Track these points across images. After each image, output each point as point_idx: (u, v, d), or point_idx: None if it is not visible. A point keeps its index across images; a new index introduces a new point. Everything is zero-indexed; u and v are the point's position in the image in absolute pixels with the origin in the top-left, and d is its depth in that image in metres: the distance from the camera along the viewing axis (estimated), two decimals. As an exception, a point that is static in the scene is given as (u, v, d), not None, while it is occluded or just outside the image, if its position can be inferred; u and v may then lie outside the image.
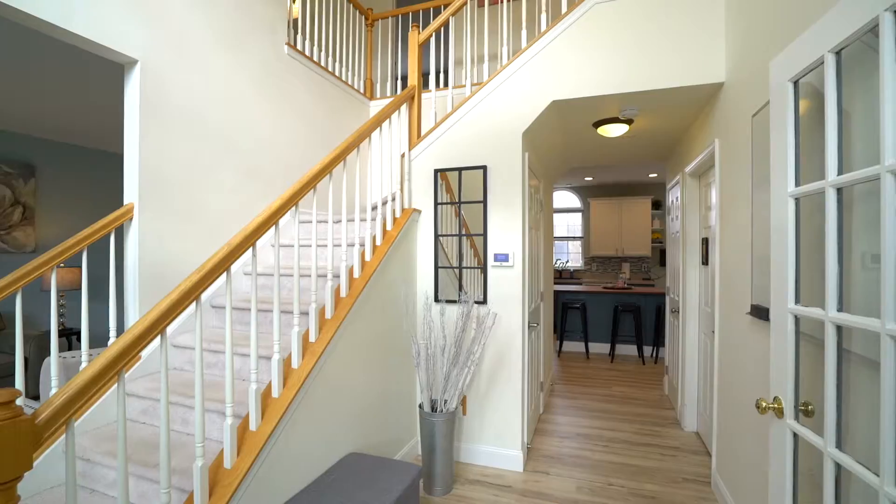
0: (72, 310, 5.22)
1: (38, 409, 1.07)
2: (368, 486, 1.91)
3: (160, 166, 2.35)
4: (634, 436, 3.38)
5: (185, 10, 2.49)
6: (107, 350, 1.23)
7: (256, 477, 1.65)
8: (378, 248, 2.57)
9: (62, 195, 5.13)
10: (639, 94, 2.67)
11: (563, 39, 2.75)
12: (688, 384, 3.42)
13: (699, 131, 3.11)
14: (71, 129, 4.60)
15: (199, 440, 1.49)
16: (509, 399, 2.87)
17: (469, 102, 2.94)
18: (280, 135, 3.19)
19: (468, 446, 2.95)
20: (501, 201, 2.87)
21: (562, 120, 3.21)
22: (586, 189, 8.77)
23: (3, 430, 0.95)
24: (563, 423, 3.66)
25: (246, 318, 2.50)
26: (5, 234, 4.62)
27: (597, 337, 6.15)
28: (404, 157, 3.01)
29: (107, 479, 1.87)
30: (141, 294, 2.27)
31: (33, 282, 4.64)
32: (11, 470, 0.96)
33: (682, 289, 3.53)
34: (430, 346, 2.62)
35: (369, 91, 4.23)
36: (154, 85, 2.32)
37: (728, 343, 2.40)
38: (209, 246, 2.61)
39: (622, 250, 8.07)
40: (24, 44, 2.73)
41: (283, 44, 3.22)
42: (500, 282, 2.87)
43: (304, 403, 1.91)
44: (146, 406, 2.13)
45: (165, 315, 1.35)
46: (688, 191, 3.47)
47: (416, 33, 3.13)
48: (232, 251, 1.57)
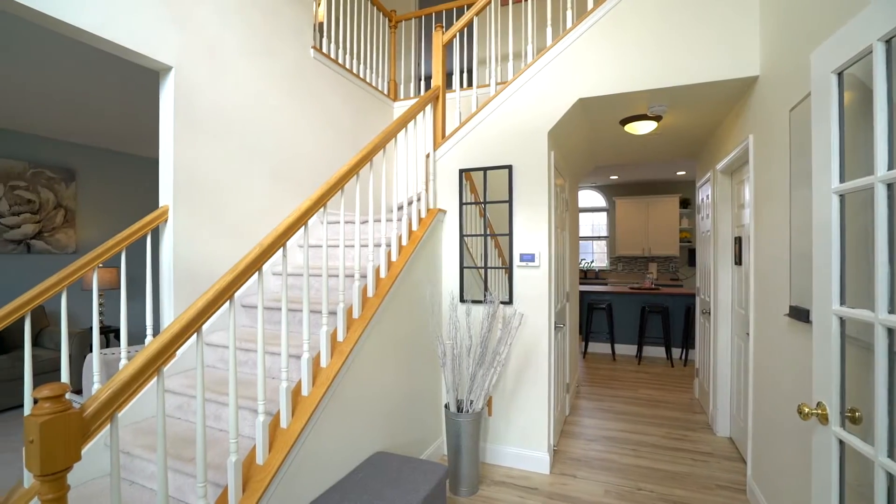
0: (109, 308, 5.44)
1: (86, 402, 1.11)
2: (396, 485, 1.92)
3: (193, 169, 2.42)
4: (663, 440, 3.30)
5: (217, 17, 2.56)
6: (147, 347, 1.27)
7: (287, 473, 1.68)
8: (404, 248, 2.59)
9: (100, 198, 5.36)
10: (668, 89, 2.61)
11: (589, 35, 2.70)
12: (720, 387, 3.32)
13: (731, 127, 3.01)
14: (109, 134, 4.80)
15: (233, 436, 1.53)
16: (535, 400, 2.84)
17: (494, 102, 2.92)
18: (307, 137, 3.24)
19: (493, 447, 2.94)
20: (527, 201, 2.85)
21: (588, 118, 3.16)
22: (611, 188, 8.62)
23: (55, 423, 1.00)
24: (590, 425, 3.61)
25: (274, 318, 2.55)
26: (49, 236, 4.85)
27: (623, 338, 6.03)
28: (429, 158, 3.02)
29: (145, 471, 1.94)
30: (175, 293, 2.35)
31: (75, 281, 4.87)
32: (62, 461, 1.01)
33: (714, 289, 3.42)
34: (455, 347, 2.62)
35: (393, 92, 4.27)
36: (187, 90, 2.39)
37: (764, 346, 2.32)
38: (238, 246, 2.68)
39: (649, 250, 7.89)
40: (64, 54, 2.86)
41: (310, 47, 3.28)
42: (526, 282, 2.85)
43: (333, 402, 1.94)
44: (181, 402, 2.20)
45: (201, 314, 1.39)
46: (719, 188, 3.37)
47: (440, 34, 3.13)
48: (263, 251, 1.60)
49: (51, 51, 2.80)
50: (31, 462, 0.98)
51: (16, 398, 3.87)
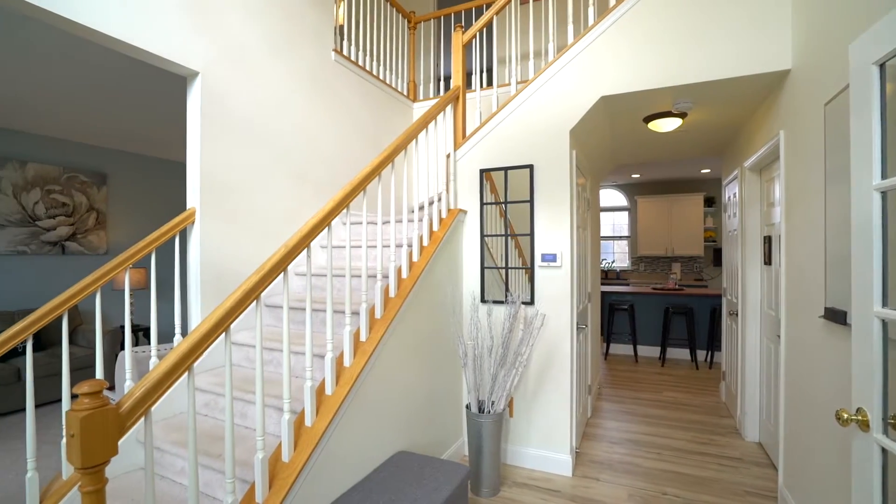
0: (138, 308, 5.61)
1: (122, 398, 1.15)
2: (418, 485, 1.92)
3: (218, 172, 2.48)
4: (689, 444, 3.23)
5: (241, 22, 2.61)
6: (178, 345, 1.30)
7: (312, 471, 1.70)
8: (425, 248, 2.60)
9: (129, 201, 5.53)
10: (694, 85, 2.55)
11: (612, 32, 2.66)
12: (748, 391, 3.23)
13: (761, 123, 2.93)
14: (137, 139, 4.95)
15: (260, 434, 1.55)
16: (557, 402, 2.81)
17: (514, 101, 2.91)
18: (328, 139, 3.28)
19: (515, 448, 2.92)
20: (548, 200, 2.82)
21: (610, 116, 3.11)
22: (633, 187, 8.48)
23: (94, 418, 1.03)
24: (612, 428, 3.55)
25: (296, 318, 2.59)
26: (82, 238, 5.03)
27: (646, 339, 5.93)
28: (450, 158, 3.02)
29: (175, 466, 1.99)
30: (202, 293, 2.40)
31: (107, 282, 5.04)
32: (100, 454, 1.04)
33: (742, 290, 3.33)
34: (477, 347, 2.61)
35: (412, 93, 4.28)
36: (213, 95, 2.45)
37: (797, 348, 2.24)
38: (262, 247, 2.73)
39: (672, 250, 7.73)
40: (96, 61, 2.96)
41: (331, 50, 3.32)
42: (548, 282, 2.82)
43: (356, 401, 1.95)
44: (208, 399, 2.25)
45: (230, 313, 1.42)
46: (747, 186, 3.27)
47: (459, 34, 3.13)
48: (289, 252, 1.63)
49: (83, 59, 2.91)
50: (73, 455, 1.01)
51: (52, 393, 4.02)
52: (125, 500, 1.86)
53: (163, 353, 2.60)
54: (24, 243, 4.53)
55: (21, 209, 4.52)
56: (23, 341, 1.84)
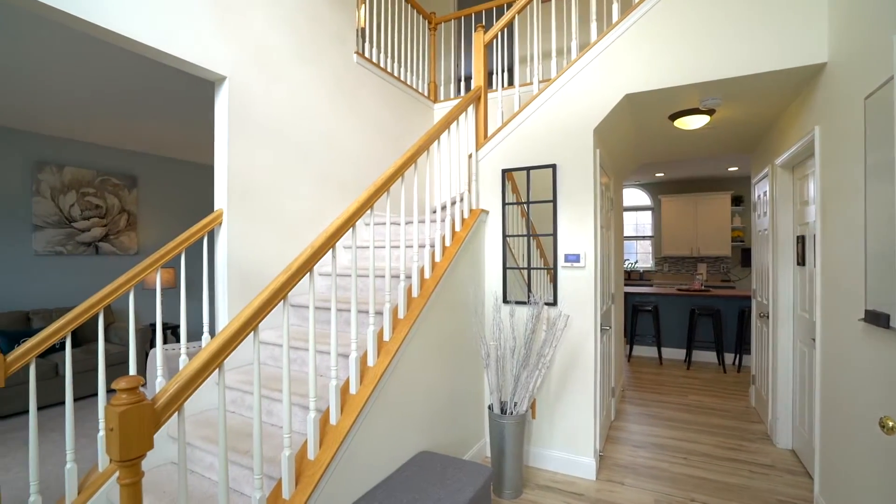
0: (167, 306, 5.78)
1: (157, 394, 1.18)
2: (441, 485, 1.92)
3: (245, 174, 2.53)
4: (717, 449, 3.14)
5: (267, 27, 2.66)
6: (210, 343, 1.33)
7: (337, 469, 1.72)
8: (447, 248, 2.60)
9: (158, 203, 5.70)
10: (723, 81, 2.48)
11: (637, 28, 2.61)
12: (780, 396, 3.12)
13: (793, 119, 2.83)
14: (166, 143, 5.09)
15: (287, 431, 1.58)
16: (581, 404, 2.77)
17: (537, 100, 2.88)
18: (350, 141, 3.32)
19: (537, 450, 2.89)
20: (572, 200, 2.79)
21: (635, 114, 3.06)
22: (656, 186, 8.31)
23: (131, 413, 1.07)
24: (637, 431, 3.48)
25: (321, 317, 2.62)
26: (114, 239, 5.21)
27: (670, 342, 5.80)
28: (471, 158, 3.01)
29: (204, 461, 2.04)
30: (229, 292, 2.45)
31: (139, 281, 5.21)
32: (137, 448, 1.07)
33: (773, 292, 3.23)
34: (499, 348, 2.60)
35: (433, 94, 4.29)
36: (239, 99, 2.50)
37: (834, 352, 2.16)
38: (286, 247, 2.77)
39: (698, 250, 7.55)
40: (127, 69, 3.06)
41: (353, 53, 3.35)
42: (571, 283, 2.79)
43: (380, 401, 1.96)
44: (235, 396, 2.30)
45: (258, 312, 1.45)
46: (778, 184, 3.17)
47: (481, 34, 3.12)
48: (315, 252, 1.65)
49: (115, 66, 3.00)
50: (111, 448, 1.05)
51: (87, 388, 4.17)
52: (157, 493, 1.91)
53: (191, 350, 2.67)
54: (60, 244, 4.72)
55: (58, 211, 4.70)
56: (62, 338, 1.91)
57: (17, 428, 3.49)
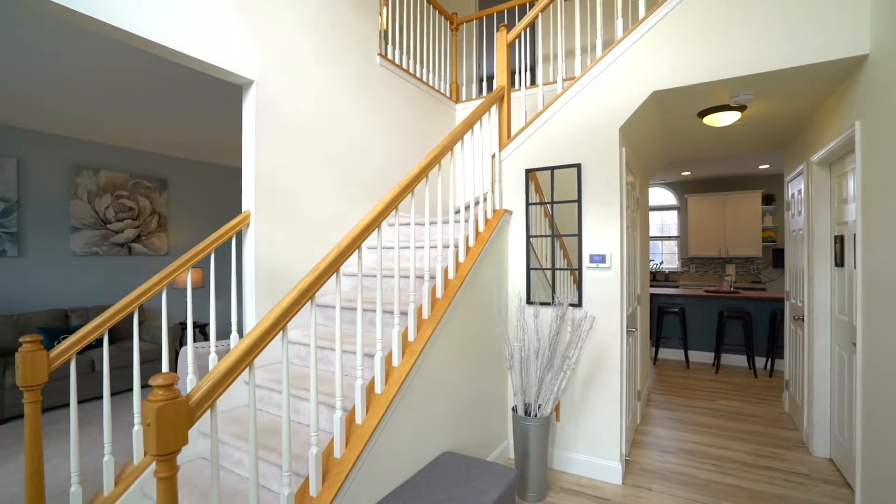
0: (194, 305, 5.94)
1: (191, 391, 1.21)
2: (465, 487, 1.91)
3: (272, 176, 2.57)
4: (749, 456, 3.04)
5: (292, 31, 2.70)
6: (241, 342, 1.36)
7: (363, 468, 1.73)
8: (471, 249, 2.59)
9: (188, 205, 5.86)
10: (755, 76, 2.40)
11: (665, 23, 2.56)
12: (817, 403, 3.00)
13: (831, 114, 2.72)
14: (194, 146, 5.24)
15: (314, 430, 1.60)
16: (606, 407, 2.73)
17: (561, 99, 2.85)
18: (373, 142, 3.34)
19: (561, 453, 2.86)
20: (597, 200, 2.75)
21: (662, 111, 2.99)
22: (682, 185, 8.11)
23: (167, 409, 1.10)
24: (664, 436, 3.40)
25: (345, 317, 2.64)
26: (146, 240, 5.38)
27: (697, 344, 5.65)
28: (495, 158, 2.99)
29: (233, 457, 2.08)
30: (257, 292, 2.50)
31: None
32: (173, 443, 1.10)
33: (808, 294, 3.11)
34: (523, 349, 2.58)
35: (455, 94, 4.29)
36: (266, 102, 2.55)
37: (877, 357, 2.06)
38: (310, 248, 2.81)
39: (726, 250, 7.33)
40: (158, 75, 3.15)
41: (376, 54, 3.38)
42: (597, 284, 2.74)
43: (404, 401, 1.97)
44: (262, 394, 2.34)
45: (287, 312, 1.47)
46: (815, 182, 3.05)
47: (503, 33, 3.10)
48: (342, 253, 1.67)
49: (146, 72, 3.10)
50: (149, 443, 1.08)
51: (121, 384, 4.31)
52: (188, 487, 1.96)
53: (220, 349, 2.73)
54: (96, 245, 4.90)
55: (94, 213, 4.89)
56: (100, 335, 1.99)
57: (56, 420, 3.64)
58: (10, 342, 4.02)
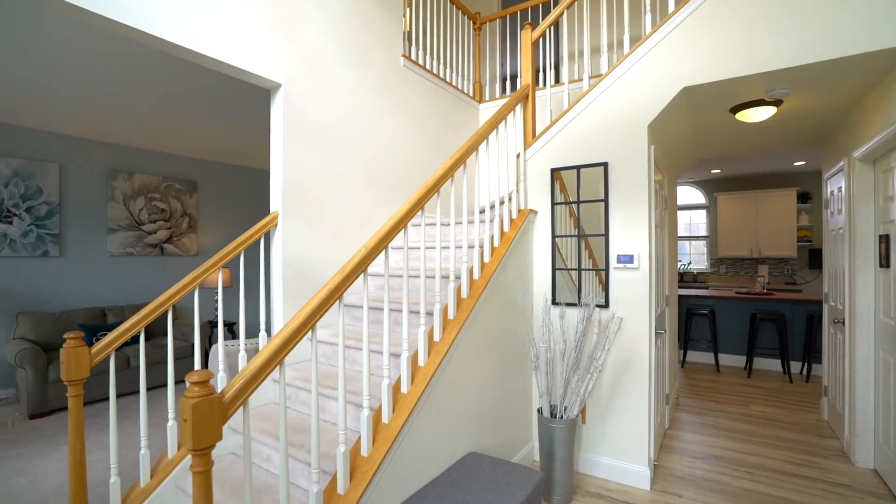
0: (223, 304, 6.09)
1: (224, 388, 1.24)
2: (491, 488, 1.90)
3: (299, 177, 2.62)
4: (786, 465, 2.93)
5: (319, 34, 2.74)
6: (272, 341, 1.38)
7: (389, 467, 1.74)
8: (496, 249, 2.57)
9: (216, 206, 6.02)
10: (793, 69, 2.31)
11: (697, 17, 2.49)
12: (860, 410, 2.86)
13: (876, 106, 2.59)
14: (223, 150, 5.38)
15: (342, 428, 1.61)
16: (634, 410, 2.67)
17: (587, 96, 2.80)
18: (397, 143, 3.36)
19: (587, 456, 2.81)
20: (625, 199, 2.69)
21: (692, 108, 2.91)
22: (712, 183, 7.88)
23: (203, 405, 1.12)
24: (693, 441, 3.31)
25: (370, 317, 2.66)
26: (177, 240, 5.55)
27: (728, 347, 5.47)
28: (520, 158, 2.97)
29: (262, 453, 2.12)
30: (284, 291, 2.55)
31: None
32: (208, 438, 1.13)
33: (850, 296, 2.97)
34: (549, 350, 2.55)
35: (478, 94, 4.28)
36: (293, 105, 2.59)
37: (926, 363, 1.95)
38: (335, 248, 2.84)
39: (758, 251, 7.09)
40: (188, 80, 3.24)
41: (400, 56, 3.39)
42: (624, 284, 2.69)
43: (430, 400, 1.97)
44: (289, 392, 2.38)
45: (316, 311, 1.49)
46: (857, 179, 2.91)
47: (528, 31, 3.08)
48: (369, 253, 1.68)
49: (178, 78, 3.20)
50: (185, 438, 1.11)
51: (154, 380, 4.46)
52: (220, 481, 2.01)
53: (248, 347, 2.79)
54: (131, 245, 5.09)
55: (129, 215, 5.07)
56: (136, 333, 2.06)
57: (93, 414, 3.79)
58: (54, 338, 4.21)
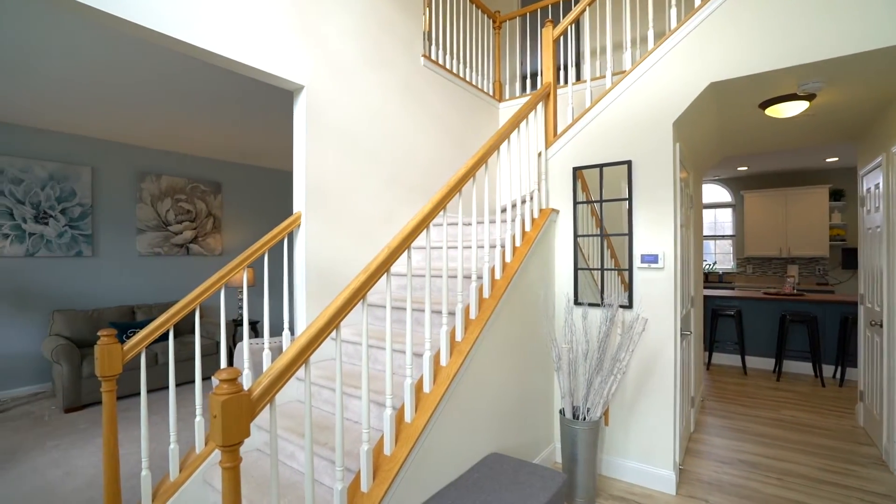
0: (246, 303, 6.21)
1: (251, 386, 1.26)
2: (513, 489, 1.89)
3: (321, 178, 2.64)
4: (819, 472, 2.83)
5: (341, 36, 2.77)
6: (297, 339, 1.40)
7: (412, 466, 1.74)
8: (518, 249, 2.55)
9: (240, 207, 6.14)
10: (828, 62, 2.22)
11: (725, 9, 2.42)
12: (898, 416, 2.75)
13: (915, 100, 2.48)
14: (246, 151, 5.48)
15: (366, 427, 1.62)
16: (658, 412, 2.61)
17: (610, 94, 2.76)
18: (418, 143, 3.37)
19: (610, 459, 2.77)
20: (649, 198, 2.64)
21: (720, 103, 2.83)
22: (738, 181, 7.67)
23: (231, 402, 1.14)
24: (720, 445, 3.22)
25: (392, 316, 2.67)
26: (202, 241, 5.69)
27: (755, 350, 5.32)
28: (541, 156, 2.94)
29: (286, 450, 2.15)
30: (307, 291, 2.58)
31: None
32: (237, 434, 1.15)
33: (888, 297, 2.85)
34: (571, 351, 2.52)
35: (498, 93, 4.25)
36: (315, 106, 2.62)
37: (973, 368, 1.86)
38: (357, 248, 2.86)
39: (787, 250, 6.87)
40: (215, 83, 3.32)
41: (420, 56, 3.40)
42: (648, 285, 2.64)
43: (452, 400, 1.97)
44: (313, 390, 2.41)
45: (341, 310, 1.50)
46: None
47: (550, 29, 3.04)
48: (392, 253, 1.68)
49: (202, 81, 3.27)
50: (215, 434, 1.13)
51: (181, 377, 4.58)
52: (245, 477, 2.05)
53: (272, 346, 2.84)
54: (158, 246, 5.23)
55: (157, 216, 5.22)
56: (166, 330, 2.11)
57: (123, 409, 3.92)
58: (87, 335, 4.36)
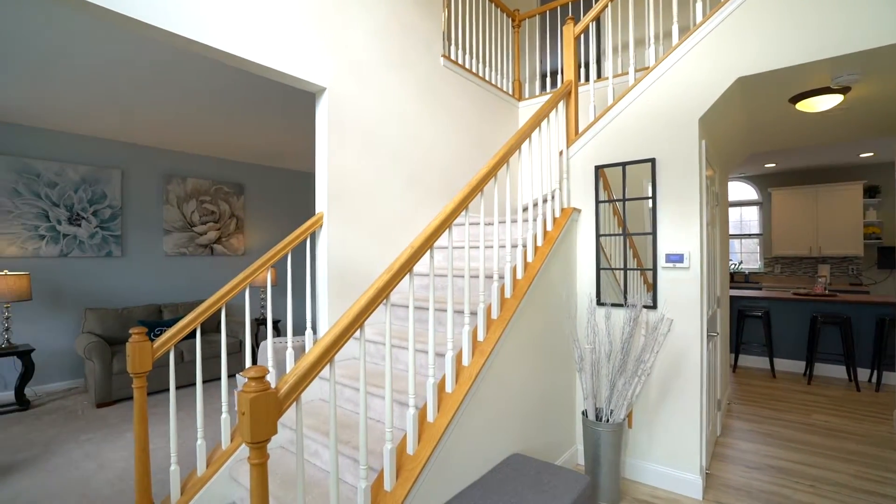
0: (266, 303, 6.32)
1: (278, 384, 1.28)
2: (537, 490, 1.87)
3: (342, 179, 2.67)
4: (854, 479, 2.72)
5: (362, 37, 2.79)
6: (322, 338, 1.42)
7: (434, 465, 1.75)
8: (539, 248, 2.53)
9: (262, 208, 6.25)
10: (864, 53, 2.14)
11: (754, 2, 2.35)
12: (940, 422, 2.62)
13: (959, 91, 2.37)
14: (268, 153, 5.58)
15: (389, 426, 1.63)
16: (684, 415, 2.56)
17: (633, 90, 2.71)
18: (438, 143, 3.37)
19: (633, 461, 2.72)
20: (674, 196, 2.58)
21: (747, 98, 2.76)
22: (765, 178, 7.45)
23: (259, 400, 1.16)
24: (748, 450, 3.14)
25: (414, 316, 2.68)
26: (225, 241, 5.81)
27: (784, 352, 5.16)
28: (562, 155, 2.91)
29: (309, 448, 2.18)
30: (329, 290, 2.61)
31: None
32: (264, 431, 1.17)
33: (928, 298, 2.72)
34: (594, 352, 2.48)
35: (517, 92, 4.23)
36: (337, 108, 2.65)
37: None
38: (378, 248, 2.88)
39: (818, 249, 6.64)
40: (239, 86, 3.38)
41: (440, 56, 3.40)
42: (673, 285, 2.58)
43: (474, 400, 1.96)
44: (336, 389, 2.43)
45: (364, 310, 1.51)
46: (936, 171, 2.67)
47: (571, 26, 3.01)
48: (415, 253, 1.69)
49: (225, 85, 3.34)
50: (244, 431, 1.15)
51: (205, 374, 4.68)
52: (271, 474, 2.08)
53: (295, 345, 2.88)
54: (184, 246, 5.36)
55: (182, 217, 5.35)
56: (193, 329, 2.16)
57: (151, 405, 4.02)
58: (117, 333, 4.50)
